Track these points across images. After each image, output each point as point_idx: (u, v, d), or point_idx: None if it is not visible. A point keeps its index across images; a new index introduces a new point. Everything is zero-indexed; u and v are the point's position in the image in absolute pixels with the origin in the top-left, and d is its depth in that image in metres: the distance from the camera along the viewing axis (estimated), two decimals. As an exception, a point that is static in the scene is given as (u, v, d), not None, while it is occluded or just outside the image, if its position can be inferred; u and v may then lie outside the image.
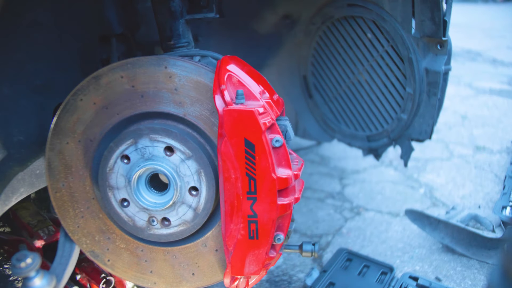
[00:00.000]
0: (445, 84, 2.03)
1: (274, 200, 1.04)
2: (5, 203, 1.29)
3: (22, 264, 0.80)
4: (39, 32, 1.27)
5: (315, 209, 2.69)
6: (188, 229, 1.15)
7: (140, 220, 1.17)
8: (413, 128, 2.11)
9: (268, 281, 2.04)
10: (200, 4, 1.37)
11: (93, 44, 1.42)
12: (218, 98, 1.03)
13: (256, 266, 1.12)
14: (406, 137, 2.16)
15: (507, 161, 3.30)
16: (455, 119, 4.25)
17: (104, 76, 1.12)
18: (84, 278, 1.63)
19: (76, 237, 1.27)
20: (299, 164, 1.13)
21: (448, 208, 2.53)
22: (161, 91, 1.10)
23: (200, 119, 1.10)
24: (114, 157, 1.12)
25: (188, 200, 1.12)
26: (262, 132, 1.00)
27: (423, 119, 2.02)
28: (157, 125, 1.10)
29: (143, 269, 1.26)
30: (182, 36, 1.29)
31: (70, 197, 1.23)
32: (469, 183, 2.98)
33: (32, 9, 1.22)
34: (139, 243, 1.24)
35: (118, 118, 1.15)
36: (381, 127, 2.27)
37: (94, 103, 1.14)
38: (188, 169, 1.10)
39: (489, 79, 5.74)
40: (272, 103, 1.07)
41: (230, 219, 1.08)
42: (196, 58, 1.28)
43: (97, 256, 1.28)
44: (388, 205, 2.74)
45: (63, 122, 1.17)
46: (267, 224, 1.07)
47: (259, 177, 1.03)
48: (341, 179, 3.12)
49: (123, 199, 1.15)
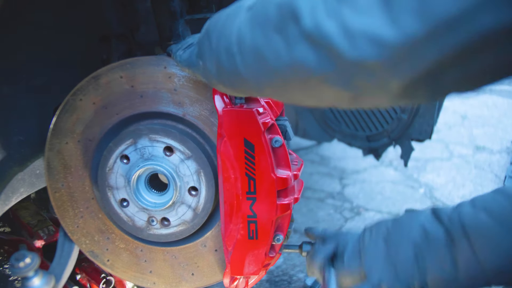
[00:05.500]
0: (445, 84, 2.02)
1: (273, 200, 1.04)
2: (5, 203, 1.29)
3: (21, 264, 0.80)
4: (39, 32, 1.27)
5: (315, 209, 2.69)
6: (187, 229, 1.15)
7: (140, 220, 1.17)
8: (413, 128, 2.11)
9: (268, 281, 2.04)
10: (200, 4, 1.37)
11: (93, 44, 1.42)
12: (217, 98, 1.03)
13: (256, 266, 1.12)
14: (406, 137, 2.16)
15: (507, 161, 3.30)
16: (455, 119, 4.25)
17: (104, 76, 1.12)
18: (84, 278, 1.63)
19: (75, 237, 1.27)
20: (298, 164, 1.13)
21: (448, 208, 2.52)
22: (160, 91, 1.10)
23: (199, 119, 1.10)
24: (114, 157, 1.12)
25: (187, 200, 1.12)
26: (261, 132, 0.99)
27: (423, 119, 2.02)
28: (156, 125, 1.10)
29: (143, 269, 1.26)
30: (181, 36, 1.28)
31: (70, 197, 1.23)
32: (469, 183, 2.98)
33: (32, 9, 1.22)
34: (138, 243, 1.24)
35: (118, 118, 1.15)
36: (381, 127, 2.27)
37: (94, 103, 1.14)
38: (188, 169, 1.10)
39: (489, 79, 5.72)
40: (272, 103, 1.07)
41: (230, 219, 1.08)
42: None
43: (97, 256, 1.28)
44: (388, 205, 2.74)
45: (63, 122, 1.17)
46: (267, 224, 1.06)
47: (258, 177, 1.02)
48: (341, 179, 3.12)
49: (122, 199, 1.15)
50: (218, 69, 0.77)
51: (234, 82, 0.76)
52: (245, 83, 0.72)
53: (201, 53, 0.85)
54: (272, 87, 0.67)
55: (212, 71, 0.81)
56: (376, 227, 0.98)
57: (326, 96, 0.60)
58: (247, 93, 0.85)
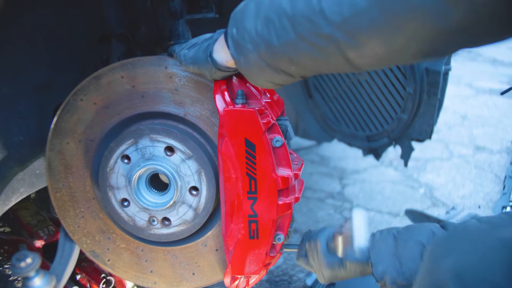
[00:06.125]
0: (445, 84, 2.03)
1: (274, 200, 1.04)
2: (5, 203, 1.29)
3: (22, 264, 0.80)
4: (39, 32, 1.27)
5: (315, 209, 2.69)
6: (188, 228, 1.15)
7: (141, 220, 1.17)
8: (413, 128, 2.11)
9: (268, 281, 2.04)
10: (199, 4, 1.36)
11: (93, 44, 1.42)
12: (218, 98, 1.03)
13: (256, 265, 1.12)
14: (406, 137, 2.16)
15: (507, 161, 3.30)
16: (455, 119, 4.25)
17: (105, 76, 1.12)
18: (84, 278, 1.63)
19: (76, 237, 1.27)
20: (299, 164, 1.13)
21: (448, 208, 2.52)
22: (161, 91, 1.10)
23: (200, 119, 1.10)
24: (115, 157, 1.12)
25: (188, 200, 1.12)
26: (262, 132, 1.00)
27: (423, 119, 2.02)
28: (157, 125, 1.10)
29: (144, 268, 1.26)
30: (181, 36, 1.28)
31: (71, 197, 1.23)
32: (469, 183, 2.98)
33: (32, 9, 1.22)
34: (139, 243, 1.24)
35: (119, 118, 1.15)
36: (381, 127, 2.27)
37: (95, 103, 1.14)
38: (189, 169, 1.10)
39: (489, 79, 5.73)
40: (273, 103, 1.07)
41: (231, 218, 1.08)
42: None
43: (98, 256, 1.28)
44: (388, 205, 2.74)
45: (63, 122, 1.17)
46: (268, 223, 1.07)
47: (259, 177, 1.03)
48: (341, 179, 3.11)
49: (123, 199, 1.15)
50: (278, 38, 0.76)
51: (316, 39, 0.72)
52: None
53: (241, 31, 0.83)
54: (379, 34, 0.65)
55: (260, 47, 0.80)
56: (388, 229, 1.05)
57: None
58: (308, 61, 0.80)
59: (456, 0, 0.56)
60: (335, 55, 0.72)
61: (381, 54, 0.68)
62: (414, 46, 0.65)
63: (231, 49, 0.88)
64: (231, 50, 0.88)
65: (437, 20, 0.59)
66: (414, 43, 0.64)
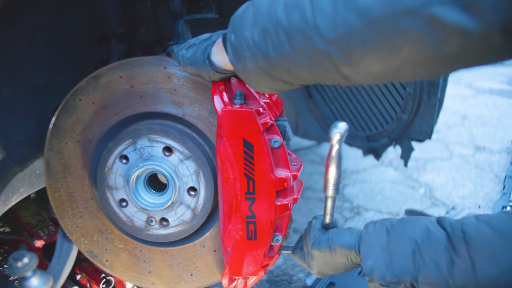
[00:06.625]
0: (445, 84, 2.03)
1: (272, 201, 1.04)
2: (5, 203, 1.29)
3: (19, 264, 0.80)
4: (39, 32, 1.27)
5: (315, 209, 2.69)
6: (186, 229, 1.15)
7: (139, 220, 1.17)
8: (413, 128, 2.10)
9: (268, 281, 2.04)
10: (199, 4, 1.36)
11: (93, 44, 1.42)
12: (217, 99, 1.03)
13: (255, 266, 1.12)
14: (406, 137, 2.16)
15: (507, 161, 3.29)
16: (455, 119, 4.25)
17: (103, 76, 1.12)
18: (84, 278, 1.63)
19: (74, 237, 1.27)
20: (298, 165, 1.13)
21: (448, 208, 2.52)
22: (160, 91, 1.10)
23: (199, 120, 1.10)
24: (113, 157, 1.12)
25: (186, 200, 1.12)
26: (261, 133, 0.99)
27: (423, 119, 2.02)
28: (156, 125, 1.10)
29: (142, 269, 1.26)
30: (181, 36, 1.28)
31: (69, 197, 1.23)
32: (469, 183, 2.98)
33: (32, 9, 1.22)
34: (137, 244, 1.24)
35: (117, 118, 1.15)
36: (381, 127, 2.27)
37: (93, 103, 1.14)
38: (187, 170, 1.10)
39: (489, 79, 5.73)
40: (271, 104, 1.07)
41: (229, 219, 1.08)
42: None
43: (96, 256, 1.28)
44: (388, 205, 2.74)
45: (62, 122, 1.17)
46: (266, 224, 1.06)
47: (257, 177, 1.02)
48: (341, 179, 3.12)
49: (121, 199, 1.15)
50: (273, 47, 0.76)
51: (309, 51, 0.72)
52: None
53: (237, 38, 0.83)
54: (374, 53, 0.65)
55: (257, 56, 0.80)
56: (382, 220, 1.01)
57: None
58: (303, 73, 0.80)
59: (451, 32, 0.56)
60: (331, 70, 0.72)
61: (377, 73, 0.68)
62: (410, 68, 0.65)
63: (230, 55, 0.88)
64: (230, 56, 0.88)
65: (433, 47, 0.59)
66: (410, 65, 0.64)
